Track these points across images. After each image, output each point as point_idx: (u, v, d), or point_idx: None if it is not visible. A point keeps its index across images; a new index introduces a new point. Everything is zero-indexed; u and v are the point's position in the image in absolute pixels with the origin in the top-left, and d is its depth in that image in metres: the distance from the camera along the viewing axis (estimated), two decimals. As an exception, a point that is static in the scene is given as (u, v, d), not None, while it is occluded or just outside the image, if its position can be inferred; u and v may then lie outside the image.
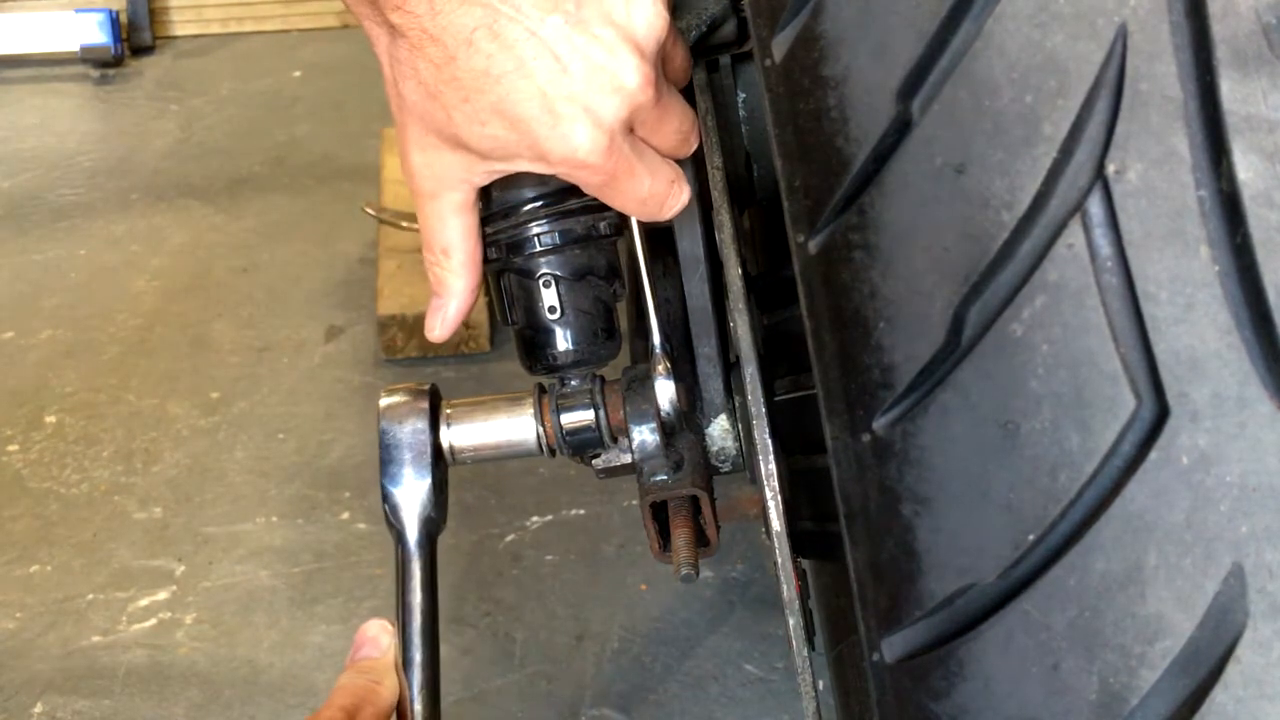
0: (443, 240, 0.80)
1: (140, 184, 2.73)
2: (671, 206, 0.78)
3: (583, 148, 0.71)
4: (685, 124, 0.78)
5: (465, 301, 0.83)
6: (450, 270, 0.81)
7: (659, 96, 0.74)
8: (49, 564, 1.74)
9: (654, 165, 0.76)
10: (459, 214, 0.79)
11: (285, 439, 1.95)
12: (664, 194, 0.77)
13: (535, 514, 1.78)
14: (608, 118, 0.71)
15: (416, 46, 0.70)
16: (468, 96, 0.71)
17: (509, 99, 0.70)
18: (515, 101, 0.70)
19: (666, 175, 0.77)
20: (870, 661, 0.67)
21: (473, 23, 0.69)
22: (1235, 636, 0.57)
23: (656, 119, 0.75)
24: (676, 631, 1.59)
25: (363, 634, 0.86)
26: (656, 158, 0.76)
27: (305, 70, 3.26)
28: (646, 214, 0.78)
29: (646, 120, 0.74)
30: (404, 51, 0.72)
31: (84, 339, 2.20)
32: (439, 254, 0.81)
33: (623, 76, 0.71)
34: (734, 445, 0.94)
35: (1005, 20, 0.62)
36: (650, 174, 0.76)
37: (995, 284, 0.62)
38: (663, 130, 0.76)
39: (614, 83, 0.71)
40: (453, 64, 0.70)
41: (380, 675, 0.83)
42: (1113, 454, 0.59)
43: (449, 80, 0.71)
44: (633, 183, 0.75)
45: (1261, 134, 0.58)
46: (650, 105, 0.73)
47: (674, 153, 0.78)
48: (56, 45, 3.23)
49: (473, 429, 0.90)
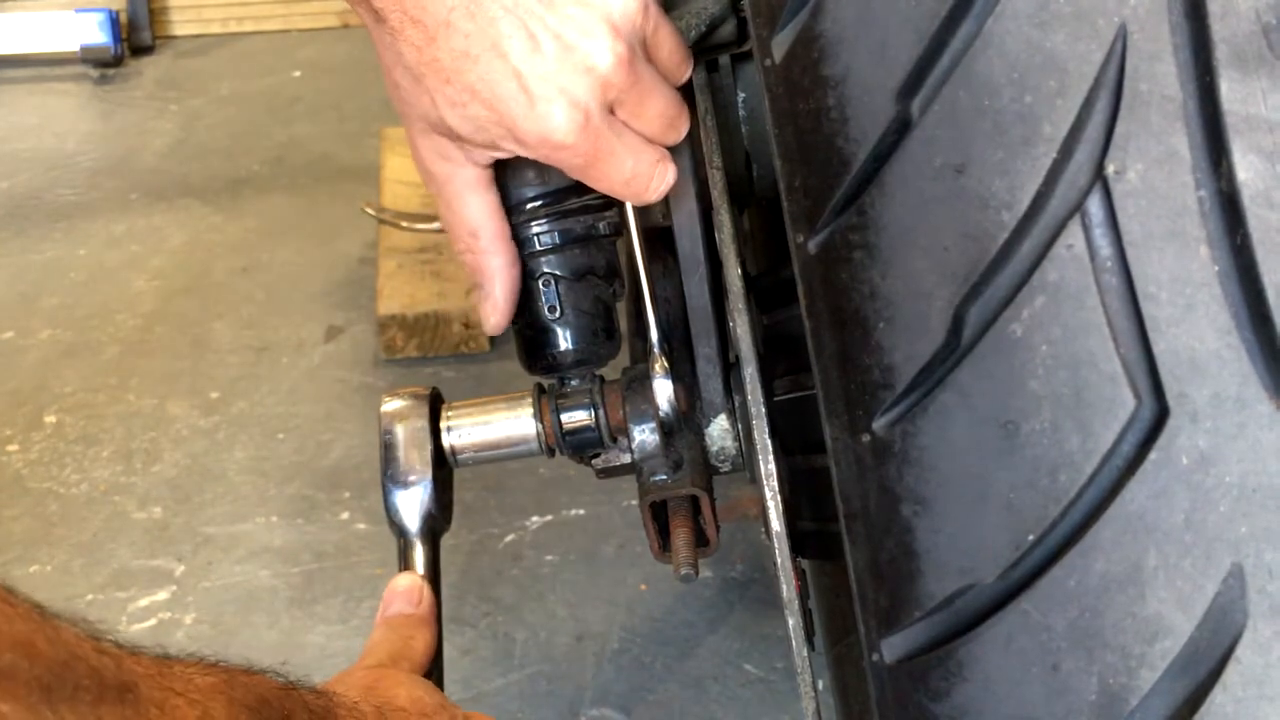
0: (467, 223, 0.80)
1: (140, 184, 2.73)
2: (656, 189, 0.78)
3: (559, 129, 0.71)
4: (670, 109, 0.77)
5: (508, 280, 0.82)
6: (483, 251, 0.80)
7: (637, 79, 0.73)
8: (49, 564, 1.73)
9: (635, 147, 0.76)
10: (475, 192, 0.79)
11: (285, 439, 1.95)
12: (647, 176, 0.77)
13: (535, 514, 1.78)
14: (582, 98, 0.71)
15: (398, 31, 0.71)
16: (449, 78, 0.71)
17: (485, 79, 0.70)
18: (492, 81, 0.70)
19: (650, 157, 0.76)
20: (870, 662, 0.67)
21: (451, 2, 0.69)
22: (1235, 637, 0.57)
23: (636, 101, 0.74)
24: (676, 631, 1.59)
25: (392, 590, 0.85)
26: (638, 139, 0.76)
27: (305, 70, 3.26)
28: (631, 196, 0.78)
29: (625, 102, 0.74)
30: (388, 36, 0.72)
31: (83, 339, 2.20)
32: (468, 238, 0.80)
33: (595, 57, 0.71)
34: (734, 445, 0.94)
35: (1005, 20, 0.62)
36: (632, 155, 0.75)
37: (995, 284, 0.62)
38: (644, 114, 0.75)
39: (586, 62, 0.71)
40: (433, 45, 0.70)
41: (413, 630, 0.83)
42: (1112, 454, 0.59)
43: (430, 62, 0.71)
44: (613, 164, 0.75)
45: (1261, 134, 0.58)
46: (627, 87, 0.73)
47: (659, 138, 0.77)
48: (56, 45, 3.23)
49: (473, 430, 0.90)
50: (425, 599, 0.85)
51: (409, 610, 0.84)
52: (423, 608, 0.84)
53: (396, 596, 0.85)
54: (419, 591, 0.85)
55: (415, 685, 0.76)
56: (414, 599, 0.84)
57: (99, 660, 0.50)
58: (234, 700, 0.57)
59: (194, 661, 0.59)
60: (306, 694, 0.65)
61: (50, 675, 0.46)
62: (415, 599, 0.84)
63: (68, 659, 0.48)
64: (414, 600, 0.84)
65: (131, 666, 0.52)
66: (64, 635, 0.48)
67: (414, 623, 0.83)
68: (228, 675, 0.59)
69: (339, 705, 0.68)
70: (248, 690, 0.59)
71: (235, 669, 0.60)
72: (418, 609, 0.84)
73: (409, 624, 0.83)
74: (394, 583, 0.86)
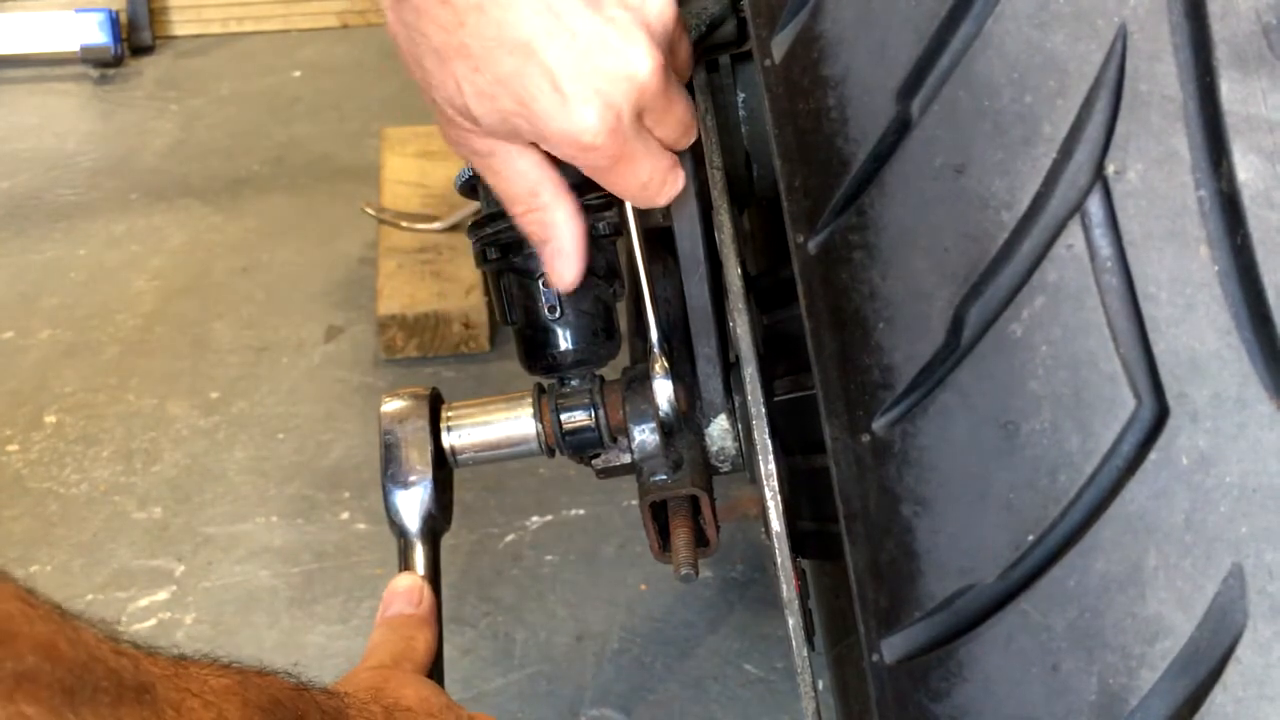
0: (525, 184, 0.77)
1: (140, 184, 2.73)
2: (668, 194, 0.77)
3: (589, 131, 0.69)
4: (688, 115, 0.76)
5: (575, 230, 0.79)
6: (546, 206, 0.77)
7: (667, 85, 0.72)
8: (49, 564, 1.73)
9: (654, 152, 0.75)
10: (523, 156, 0.76)
11: (285, 439, 1.95)
12: (661, 181, 0.76)
13: (535, 514, 1.78)
14: (618, 102, 0.69)
15: (423, 10, 0.68)
16: (478, 66, 0.69)
17: (519, 73, 0.68)
18: (525, 76, 0.68)
19: (665, 162, 0.76)
20: (870, 662, 0.67)
21: None
22: (1235, 637, 0.57)
23: (663, 108, 0.73)
24: (676, 631, 1.59)
25: (392, 590, 0.85)
26: (657, 145, 0.75)
27: (305, 70, 3.26)
28: (644, 200, 0.77)
29: (653, 108, 0.72)
30: (411, 15, 0.69)
31: (83, 339, 2.20)
32: (528, 199, 0.77)
33: (636, 62, 0.69)
34: (734, 445, 0.94)
35: (1005, 20, 0.62)
36: (650, 160, 0.75)
37: (995, 284, 0.62)
38: (668, 120, 0.75)
39: (627, 68, 0.69)
40: (462, 29, 0.68)
41: (414, 629, 0.83)
42: (1112, 454, 0.59)
43: (459, 48, 0.69)
44: (633, 168, 0.74)
45: (1261, 134, 0.57)
46: (659, 93, 0.72)
47: (675, 143, 0.77)
48: (56, 45, 3.23)
49: (473, 430, 0.90)
50: (425, 599, 0.85)
51: (409, 610, 0.84)
52: (423, 608, 0.84)
53: (397, 597, 0.85)
54: (419, 592, 0.85)
55: (422, 685, 0.76)
56: (414, 599, 0.84)
57: (117, 662, 0.50)
58: (248, 701, 0.57)
59: (209, 663, 0.59)
60: (319, 695, 0.65)
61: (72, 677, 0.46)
62: (415, 599, 0.84)
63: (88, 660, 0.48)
64: (414, 600, 0.84)
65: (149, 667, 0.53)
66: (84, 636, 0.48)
67: (414, 623, 0.83)
68: (241, 676, 0.59)
69: (350, 706, 0.68)
70: (261, 691, 0.59)
71: (249, 670, 0.60)
72: (418, 609, 0.84)
73: (409, 624, 0.83)
74: (394, 583, 0.86)
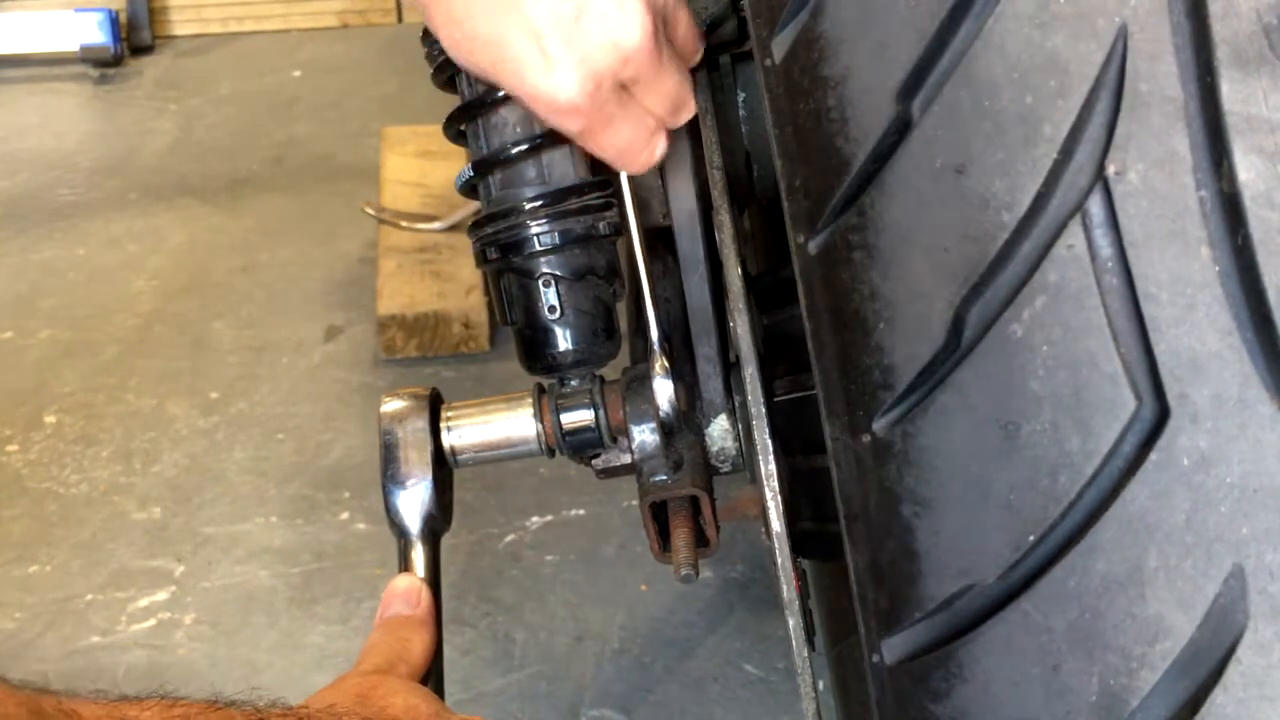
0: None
1: (139, 184, 2.73)
2: (645, 162, 0.76)
3: (568, 94, 0.69)
4: (681, 90, 0.75)
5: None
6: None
7: (657, 56, 0.71)
8: (48, 564, 1.73)
9: (636, 118, 0.74)
10: None
11: (284, 439, 1.95)
12: (640, 147, 0.75)
13: (535, 514, 1.78)
14: (602, 69, 0.69)
15: None
16: (456, 19, 0.69)
17: (500, 32, 0.68)
18: (507, 34, 0.68)
19: (646, 128, 0.75)
20: (870, 663, 0.67)
21: None
22: (1236, 638, 0.57)
23: (651, 78, 0.72)
24: (676, 631, 1.59)
25: (391, 591, 0.85)
26: (640, 111, 0.74)
27: (305, 70, 3.26)
28: (621, 164, 0.76)
29: (641, 78, 0.72)
30: None
31: (83, 339, 2.20)
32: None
33: (625, 31, 0.69)
34: (734, 445, 0.94)
35: (1005, 20, 0.61)
36: (631, 126, 0.74)
37: (995, 285, 0.62)
38: (656, 91, 0.74)
39: (614, 35, 0.68)
40: None
41: (411, 632, 0.82)
42: (1113, 455, 0.59)
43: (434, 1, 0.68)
44: (610, 132, 0.73)
45: (1262, 134, 0.57)
46: (647, 64, 0.71)
47: (665, 117, 0.76)
48: (56, 45, 3.23)
49: (473, 431, 0.90)
50: (424, 600, 0.84)
51: (407, 612, 0.84)
52: (421, 609, 0.84)
53: (395, 598, 0.84)
54: (418, 593, 0.84)
55: (411, 693, 0.75)
56: (413, 600, 0.84)
57: None
58: None
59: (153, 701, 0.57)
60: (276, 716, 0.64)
61: None
62: (414, 600, 0.84)
63: None
64: (412, 602, 0.84)
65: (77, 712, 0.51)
66: None
67: (412, 624, 0.83)
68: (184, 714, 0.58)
69: None
70: None
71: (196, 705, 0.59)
72: (416, 610, 0.84)
73: (407, 626, 0.83)
74: (393, 584, 0.85)
